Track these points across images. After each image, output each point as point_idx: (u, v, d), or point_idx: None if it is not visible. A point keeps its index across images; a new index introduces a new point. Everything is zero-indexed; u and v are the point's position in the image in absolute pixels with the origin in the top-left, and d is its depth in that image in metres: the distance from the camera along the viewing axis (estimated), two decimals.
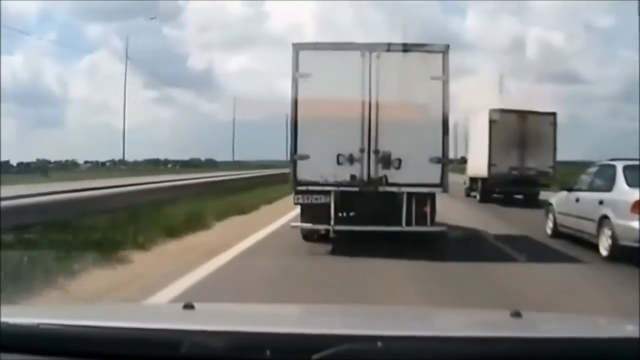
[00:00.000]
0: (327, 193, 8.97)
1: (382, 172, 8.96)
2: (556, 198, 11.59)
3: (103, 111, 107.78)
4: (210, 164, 79.43)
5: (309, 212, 9.17)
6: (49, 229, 8.77)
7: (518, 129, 19.28)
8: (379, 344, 1.61)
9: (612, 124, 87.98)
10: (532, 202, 18.81)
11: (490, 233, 11.71)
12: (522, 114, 19.70)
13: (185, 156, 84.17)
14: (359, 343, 1.61)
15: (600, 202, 9.27)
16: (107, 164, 73.28)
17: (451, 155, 11.44)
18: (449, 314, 2.95)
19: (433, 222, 9.14)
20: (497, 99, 49.03)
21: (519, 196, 19.84)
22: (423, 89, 8.94)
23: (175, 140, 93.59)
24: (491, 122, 19.48)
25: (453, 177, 10.39)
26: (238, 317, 2.28)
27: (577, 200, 10.27)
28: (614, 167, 9.50)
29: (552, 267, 8.42)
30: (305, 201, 9.08)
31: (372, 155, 8.96)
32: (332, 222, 8.97)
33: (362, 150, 8.97)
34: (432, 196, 9.10)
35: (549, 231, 11.39)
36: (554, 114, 20.05)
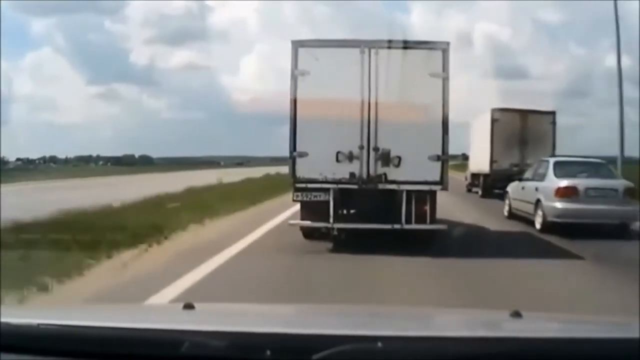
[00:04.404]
0: (326, 190, 9.04)
1: (381, 170, 9.04)
2: (511, 187, 14.38)
3: (46, 108, 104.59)
4: (145, 161, 73.71)
5: (308, 210, 9.20)
6: None
7: (519, 127, 19.98)
8: (379, 344, 1.60)
9: (559, 119, 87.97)
10: None
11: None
12: (523, 113, 20.37)
13: (120, 153, 79.87)
14: (359, 343, 1.61)
15: (537, 189, 12.29)
16: (37, 161, 71.16)
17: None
18: (449, 314, 2.95)
19: (433, 220, 9.21)
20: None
21: None
22: (423, 86, 8.99)
23: (115, 137, 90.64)
24: (493, 120, 20.20)
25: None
26: (238, 317, 2.28)
27: (523, 188, 13.27)
28: (548, 162, 12.81)
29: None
30: (304, 199, 9.13)
31: (372, 153, 9.03)
32: (331, 220, 9.05)
33: (361, 148, 9.02)
34: (432, 194, 9.15)
35: (505, 213, 14.42)
36: (553, 113, 20.64)
